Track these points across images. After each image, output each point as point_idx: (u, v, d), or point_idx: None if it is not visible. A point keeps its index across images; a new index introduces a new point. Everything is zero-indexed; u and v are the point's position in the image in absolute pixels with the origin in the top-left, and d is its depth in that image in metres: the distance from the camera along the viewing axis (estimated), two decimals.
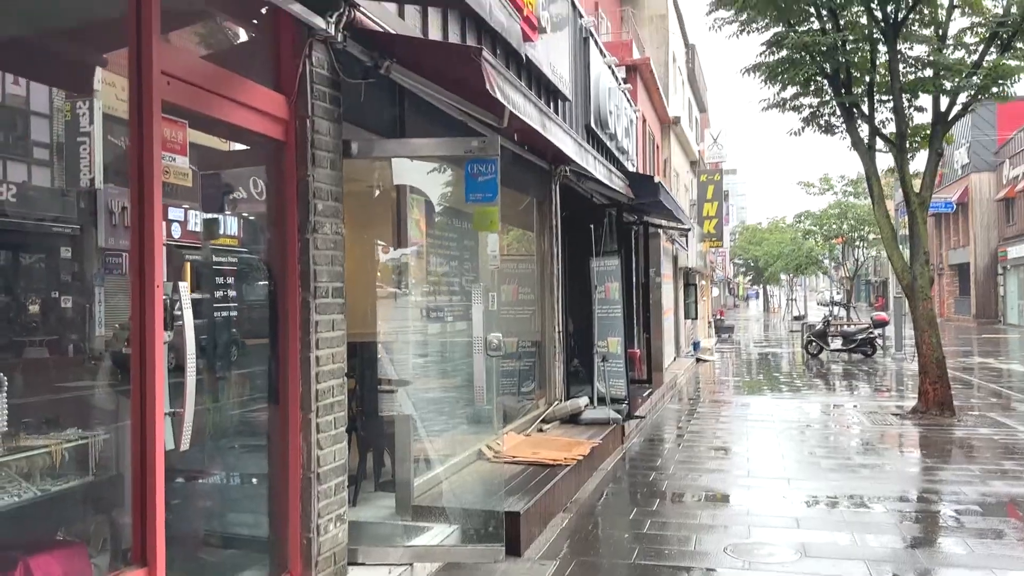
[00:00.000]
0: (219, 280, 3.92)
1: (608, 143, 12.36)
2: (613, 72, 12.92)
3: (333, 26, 4.28)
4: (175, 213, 3.95)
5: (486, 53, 4.34)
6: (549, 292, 9.70)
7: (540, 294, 9.78)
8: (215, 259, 4.25)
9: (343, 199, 4.52)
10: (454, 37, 6.15)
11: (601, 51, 11.95)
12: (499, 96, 4.51)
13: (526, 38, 7.46)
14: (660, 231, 18.06)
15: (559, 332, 9.79)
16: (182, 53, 3.53)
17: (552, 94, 9.18)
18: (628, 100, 14.68)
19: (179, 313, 3.32)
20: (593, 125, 11.23)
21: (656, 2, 22.69)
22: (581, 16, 10.74)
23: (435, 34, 5.85)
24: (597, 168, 8.29)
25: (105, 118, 4.48)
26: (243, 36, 4.36)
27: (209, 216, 4.42)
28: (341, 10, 4.32)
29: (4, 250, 4.42)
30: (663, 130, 23.77)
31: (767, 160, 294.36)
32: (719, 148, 38.86)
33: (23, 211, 4.36)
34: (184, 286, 3.36)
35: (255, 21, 4.19)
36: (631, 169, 14.89)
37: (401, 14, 5.26)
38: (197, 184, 3.76)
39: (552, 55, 8.89)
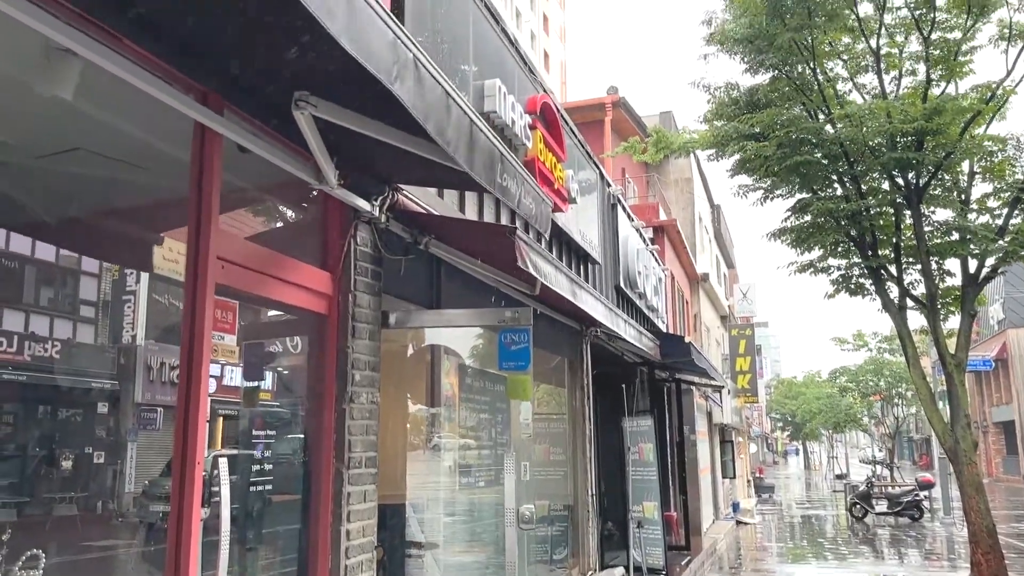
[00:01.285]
0: (255, 453, 3.98)
1: (638, 302, 12.56)
2: (640, 234, 13.33)
3: (377, 208, 4.57)
4: (212, 368, 4.09)
5: (519, 231, 4.57)
6: (581, 453, 9.58)
7: (572, 455, 9.66)
8: (253, 425, 4.34)
9: (379, 367, 4.64)
10: (489, 211, 6.48)
11: (628, 215, 12.40)
12: (531, 270, 4.70)
13: (556, 209, 7.81)
14: (693, 387, 17.94)
15: (592, 495, 9.58)
16: (236, 239, 3.77)
17: (582, 258, 9.47)
18: (656, 260, 15.04)
19: (217, 488, 3.38)
20: (623, 285, 11.47)
21: (680, 167, 23.65)
22: (609, 185, 11.24)
23: (471, 210, 6.17)
24: (627, 331, 8.41)
25: (151, 276, 4.70)
26: (293, 218, 4.66)
27: (250, 384, 4.56)
28: (385, 194, 4.63)
29: (43, 405, 4.54)
30: (692, 286, 24.10)
31: (800, 312, 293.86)
32: (749, 303, 39.02)
33: (65, 367, 4.51)
34: (224, 462, 3.44)
35: (305, 205, 4.49)
36: (661, 326, 15.02)
37: (440, 194, 5.59)
38: (240, 354, 3.91)
39: (582, 222, 9.26)
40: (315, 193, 4.48)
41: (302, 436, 4.40)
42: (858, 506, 22.08)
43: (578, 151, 9.54)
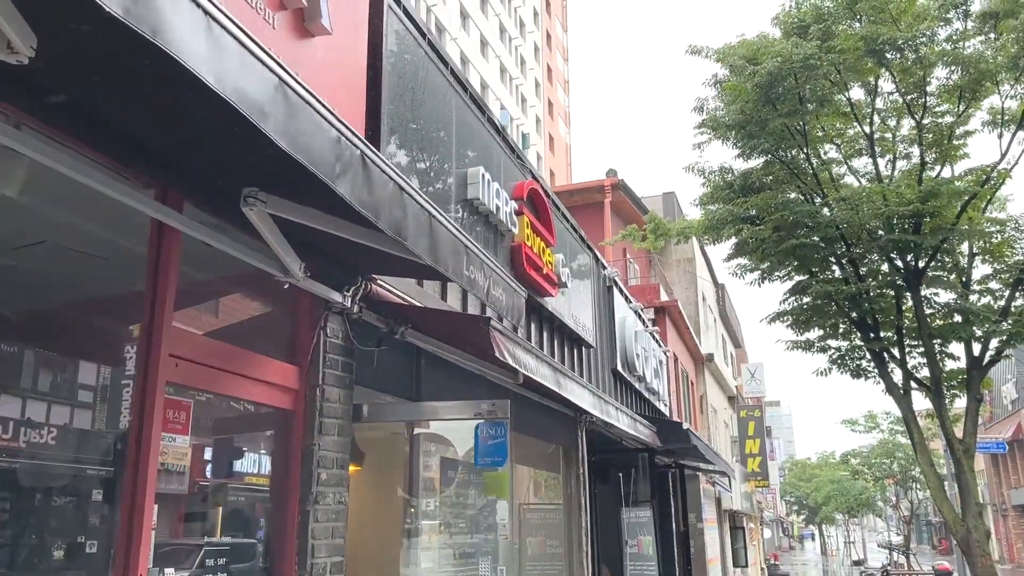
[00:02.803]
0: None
1: (637, 385, 12.33)
2: (639, 316, 13.19)
3: (349, 299, 4.46)
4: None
5: (494, 322, 4.45)
6: (577, 547, 9.22)
7: (568, 548, 9.29)
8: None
9: (348, 464, 4.46)
10: (474, 300, 6.38)
11: (626, 297, 12.29)
12: (509, 361, 4.57)
13: (546, 294, 7.72)
14: (699, 473, 17.48)
15: None
16: (192, 335, 3.66)
17: (575, 343, 9.33)
18: (657, 341, 14.85)
19: None
20: (620, 369, 11.27)
21: (683, 247, 23.69)
22: (604, 267, 11.18)
23: (454, 298, 6.07)
24: (620, 418, 8.20)
25: None
26: (261, 311, 4.55)
27: (217, 482, 4.37)
28: (358, 284, 4.53)
29: (37, 493, 4.36)
30: (697, 367, 23.80)
31: (815, 390, 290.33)
32: (758, 383, 38.48)
33: (60, 454, 4.35)
34: (171, 572, 3.24)
35: (274, 297, 4.39)
36: (664, 409, 14.72)
37: (420, 283, 5.50)
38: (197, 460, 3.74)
39: (575, 306, 9.15)
40: (287, 286, 4.40)
41: (264, 548, 4.17)
42: None
43: (570, 235, 9.51)
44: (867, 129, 12.04)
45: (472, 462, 6.79)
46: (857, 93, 12.06)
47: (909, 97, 11.60)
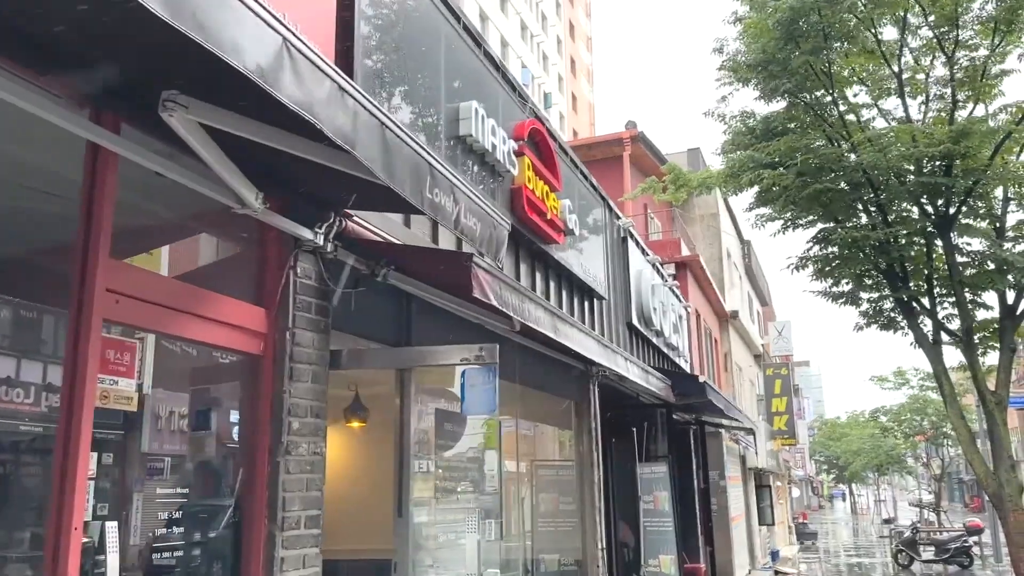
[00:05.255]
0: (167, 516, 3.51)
1: (655, 340, 11.97)
2: (657, 269, 12.77)
3: (322, 236, 4.14)
4: None
5: (477, 259, 4.11)
6: (590, 504, 8.96)
7: (580, 505, 9.03)
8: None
9: (325, 413, 4.18)
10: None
11: (642, 249, 11.87)
12: (493, 301, 4.24)
13: (550, 240, 7.36)
14: (722, 430, 17.14)
15: (602, 549, 8.92)
16: (135, 270, 3.36)
17: (586, 293, 8.97)
18: (677, 296, 14.43)
19: (102, 558, 2.92)
20: (635, 322, 10.91)
21: (706, 202, 23.08)
22: (618, 217, 10.76)
23: (447, 240, 5.73)
24: (630, 369, 7.87)
25: None
26: (221, 249, 4.25)
27: (197, 433, 4.11)
28: (331, 220, 4.20)
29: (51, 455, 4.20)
30: (721, 324, 23.33)
31: (844, 349, 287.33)
32: (785, 341, 37.82)
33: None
34: (112, 526, 2.99)
35: (236, 234, 4.07)
36: (684, 365, 14.34)
37: (407, 222, 5.17)
38: (149, 407, 3.46)
39: (585, 256, 8.79)
40: (248, 221, 4.08)
41: (234, 505, 3.92)
42: (903, 553, 20.92)
43: (581, 183, 9.10)
44: (896, 68, 11.40)
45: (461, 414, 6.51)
46: (888, 33, 11.41)
47: (940, 31, 10.93)
